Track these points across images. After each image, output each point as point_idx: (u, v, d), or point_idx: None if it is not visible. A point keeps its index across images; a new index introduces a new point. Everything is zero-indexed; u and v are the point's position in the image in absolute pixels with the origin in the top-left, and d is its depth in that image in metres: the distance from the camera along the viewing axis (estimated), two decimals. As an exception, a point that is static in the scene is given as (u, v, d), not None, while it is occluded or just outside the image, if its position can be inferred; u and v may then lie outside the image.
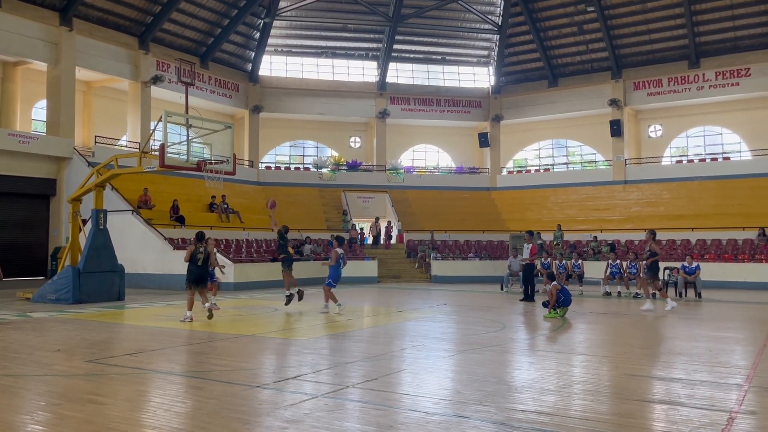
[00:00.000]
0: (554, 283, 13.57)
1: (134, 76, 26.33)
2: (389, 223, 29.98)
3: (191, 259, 12.25)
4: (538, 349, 9.46)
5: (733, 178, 27.80)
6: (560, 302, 13.22)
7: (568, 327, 11.95)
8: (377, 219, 29.31)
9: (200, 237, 12.55)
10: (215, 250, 15.11)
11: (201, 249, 12.30)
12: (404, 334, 11.03)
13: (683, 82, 29.99)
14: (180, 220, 23.36)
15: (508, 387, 6.78)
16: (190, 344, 9.69)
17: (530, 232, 18.34)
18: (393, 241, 29.44)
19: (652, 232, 15.26)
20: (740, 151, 30.17)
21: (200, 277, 12.37)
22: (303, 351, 9.13)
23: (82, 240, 16.79)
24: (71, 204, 16.96)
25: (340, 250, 13.92)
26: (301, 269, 22.99)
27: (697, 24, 28.92)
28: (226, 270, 20.55)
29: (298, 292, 14.35)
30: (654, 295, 15.83)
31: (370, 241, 29.29)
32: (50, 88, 23.69)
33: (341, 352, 9.14)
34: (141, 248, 20.69)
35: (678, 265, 19.37)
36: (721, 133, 31.04)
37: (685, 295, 18.24)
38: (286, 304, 14.25)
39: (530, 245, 17.74)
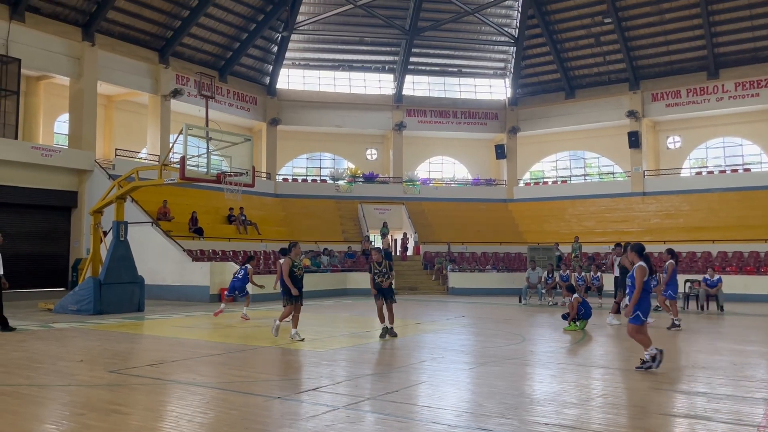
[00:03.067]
0: (576, 295, 13.47)
1: (154, 90, 26.68)
2: (405, 234, 29.97)
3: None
4: (559, 362, 9.38)
5: (755, 189, 27.44)
6: (581, 315, 13.12)
7: (589, 340, 11.84)
8: (390, 235, 29.31)
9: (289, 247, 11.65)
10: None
11: (297, 263, 11.25)
12: (423, 346, 11.00)
13: (702, 93, 29.76)
14: (198, 232, 23.55)
15: (530, 400, 6.73)
16: (211, 355, 9.73)
17: (618, 245, 16.70)
18: (409, 253, 29.42)
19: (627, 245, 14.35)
20: (761, 162, 29.82)
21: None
22: (322, 362, 9.13)
23: (103, 252, 16.98)
24: (92, 216, 17.18)
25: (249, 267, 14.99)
26: (318, 281, 23.10)
27: (716, 35, 28.73)
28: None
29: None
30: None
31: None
32: (73, 102, 24.08)
33: (360, 363, 9.13)
34: (160, 260, 20.86)
35: (699, 277, 19.13)
36: (742, 145, 30.72)
37: (707, 308, 18.00)
38: None
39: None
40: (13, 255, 20.68)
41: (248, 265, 15.18)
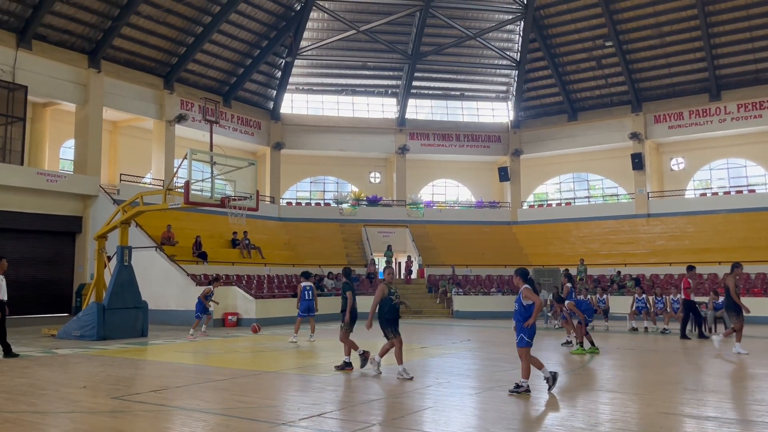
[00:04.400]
0: (567, 301, 13.55)
1: (159, 116, 26.88)
2: (409, 257, 29.90)
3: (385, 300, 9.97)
4: (566, 387, 9.27)
5: (760, 210, 27.35)
6: (580, 323, 13.17)
7: (596, 363, 11.71)
8: (394, 257, 29.38)
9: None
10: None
11: (393, 290, 10.02)
12: (428, 370, 10.89)
13: (705, 114, 29.84)
14: (202, 256, 23.52)
15: (537, 425, 6.63)
16: (214, 381, 9.65)
17: (691, 267, 16.88)
18: (414, 276, 29.30)
19: (734, 265, 13.55)
20: (766, 183, 29.76)
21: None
22: (326, 388, 9.05)
23: (107, 276, 16.96)
24: (97, 241, 17.19)
25: (306, 284, 15.42)
26: (321, 304, 22.95)
27: (717, 57, 28.91)
28: (249, 306, 20.67)
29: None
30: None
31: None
32: (78, 128, 24.24)
33: (365, 389, 9.04)
34: (164, 284, 20.81)
35: (706, 299, 19.00)
36: (746, 166, 30.71)
37: (715, 331, 17.83)
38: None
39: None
40: (17, 280, 20.67)
41: (308, 282, 15.55)
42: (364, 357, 10.37)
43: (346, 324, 10.68)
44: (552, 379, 8.37)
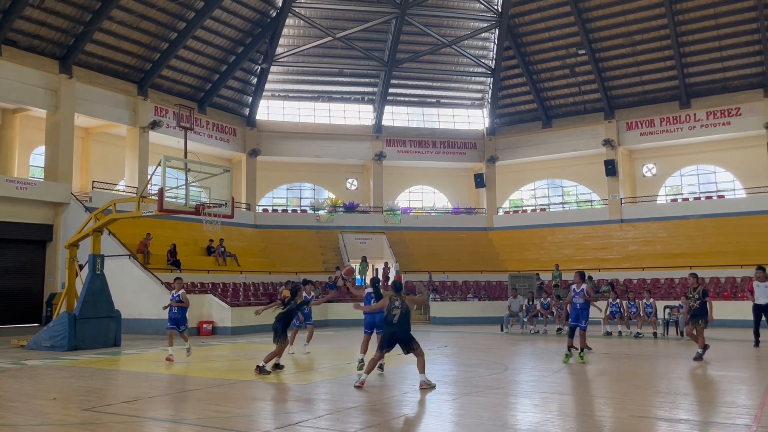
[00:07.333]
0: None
1: (132, 122, 26.55)
2: (386, 264, 29.90)
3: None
4: (542, 391, 9.33)
5: (729, 215, 27.91)
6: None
7: (570, 368, 11.81)
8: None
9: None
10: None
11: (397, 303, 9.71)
12: (405, 377, 10.87)
13: (675, 122, 30.39)
14: (176, 264, 23.24)
15: (513, 430, 6.66)
16: (188, 391, 9.53)
17: (760, 267, 15.48)
18: (391, 283, 29.25)
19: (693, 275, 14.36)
20: (734, 189, 30.39)
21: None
22: (302, 396, 9.00)
23: (79, 286, 16.66)
24: (68, 249, 16.89)
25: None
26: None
27: (687, 65, 29.49)
28: (225, 314, 20.48)
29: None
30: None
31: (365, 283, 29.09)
32: (49, 135, 23.84)
33: (341, 396, 8.99)
34: (138, 293, 20.50)
35: (677, 303, 19.29)
36: (715, 172, 31.32)
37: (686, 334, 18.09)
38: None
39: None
40: (-15, 290, 20.31)
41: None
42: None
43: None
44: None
